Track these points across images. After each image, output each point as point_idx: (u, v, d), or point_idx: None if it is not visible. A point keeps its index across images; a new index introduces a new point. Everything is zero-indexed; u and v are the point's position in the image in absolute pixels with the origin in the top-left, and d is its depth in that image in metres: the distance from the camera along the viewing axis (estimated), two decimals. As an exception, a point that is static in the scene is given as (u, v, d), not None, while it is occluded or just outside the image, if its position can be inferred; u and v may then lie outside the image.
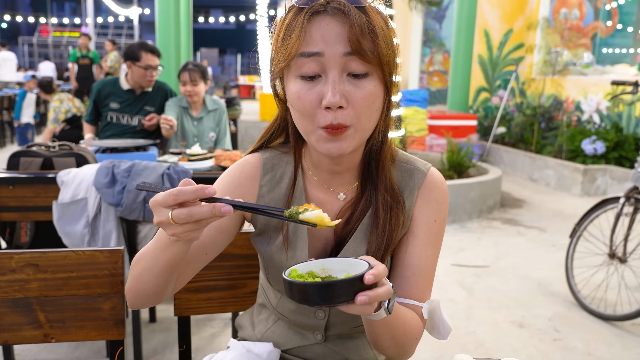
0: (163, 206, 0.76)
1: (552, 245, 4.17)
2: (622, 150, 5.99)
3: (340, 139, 0.89)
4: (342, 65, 0.86)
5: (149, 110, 3.32)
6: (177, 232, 0.78)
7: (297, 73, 0.88)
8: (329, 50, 0.85)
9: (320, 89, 0.87)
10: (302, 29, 0.85)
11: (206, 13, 32.07)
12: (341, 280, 0.74)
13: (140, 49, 3.19)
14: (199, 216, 0.75)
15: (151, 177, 2.05)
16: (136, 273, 0.93)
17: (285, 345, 1.08)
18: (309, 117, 0.89)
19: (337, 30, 0.85)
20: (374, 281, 0.74)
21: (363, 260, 0.79)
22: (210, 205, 0.75)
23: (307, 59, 0.86)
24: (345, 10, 0.85)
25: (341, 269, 0.83)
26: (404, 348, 0.96)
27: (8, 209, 2.11)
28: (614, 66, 7.77)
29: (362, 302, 0.73)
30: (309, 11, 0.86)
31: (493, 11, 8.70)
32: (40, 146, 2.29)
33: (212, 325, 2.69)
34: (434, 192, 1.02)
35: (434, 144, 7.11)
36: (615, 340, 2.69)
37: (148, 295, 0.95)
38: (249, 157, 1.08)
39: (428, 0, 4.46)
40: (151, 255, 0.89)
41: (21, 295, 1.17)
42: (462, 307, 3.02)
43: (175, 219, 0.75)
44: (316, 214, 0.78)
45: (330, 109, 0.86)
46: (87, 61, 10.41)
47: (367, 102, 0.88)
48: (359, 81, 0.87)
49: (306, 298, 0.74)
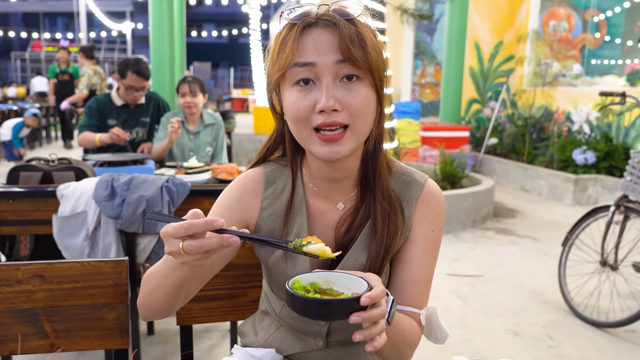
0: (174, 237, 0.80)
1: (545, 254, 4.22)
2: (612, 159, 6.07)
3: (337, 143, 0.93)
4: (335, 72, 0.91)
5: (145, 121, 3.35)
6: (188, 261, 0.82)
7: (292, 82, 0.93)
8: (321, 59, 0.90)
9: (314, 95, 0.91)
10: (295, 41, 0.91)
11: (199, 27, 32.24)
12: (339, 299, 0.78)
13: (127, 68, 3.15)
14: (209, 247, 0.79)
15: (150, 190, 2.08)
16: (147, 290, 0.98)
17: (288, 351, 1.11)
18: (304, 122, 0.93)
19: (328, 40, 0.90)
20: (370, 303, 0.78)
21: (364, 280, 0.83)
22: (218, 237, 0.80)
23: (301, 68, 0.91)
24: (335, 21, 0.90)
25: (343, 283, 0.87)
26: (402, 354, 1.00)
27: (8, 223, 2.13)
28: (602, 77, 7.89)
29: (355, 322, 0.77)
30: (301, 24, 0.91)
31: (483, 24, 8.83)
32: (40, 160, 2.32)
33: (210, 337, 2.71)
34: (432, 203, 1.07)
35: (426, 155, 7.17)
36: (609, 347, 2.73)
37: (159, 310, 1.00)
38: (250, 171, 1.11)
39: (419, 14, 4.53)
40: (161, 275, 0.94)
41: (27, 306, 1.19)
42: (458, 315, 3.06)
43: (186, 250, 0.79)
44: (319, 247, 0.83)
45: (325, 112, 0.90)
46: (67, 77, 9.44)
47: (362, 105, 0.92)
48: (352, 85, 0.92)
49: (305, 311, 0.79)
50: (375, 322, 0.80)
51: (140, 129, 3.32)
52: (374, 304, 0.79)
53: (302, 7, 0.93)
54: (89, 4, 21.86)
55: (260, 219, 1.07)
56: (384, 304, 0.82)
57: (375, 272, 0.99)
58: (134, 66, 3.14)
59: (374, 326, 0.79)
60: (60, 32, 32.70)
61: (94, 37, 27.31)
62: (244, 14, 17.07)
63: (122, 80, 3.17)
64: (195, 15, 31.68)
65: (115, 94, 3.29)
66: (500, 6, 8.67)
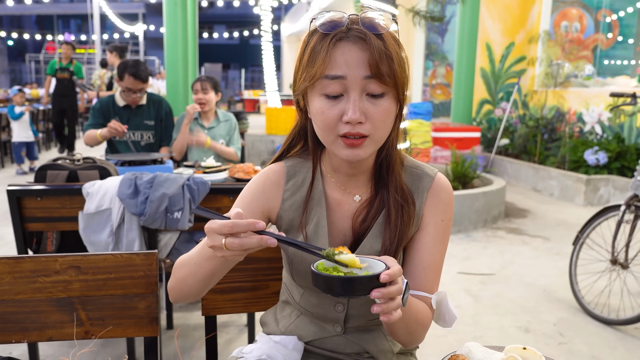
0: (218, 233, 0.87)
1: (556, 253, 4.25)
2: (624, 160, 6.08)
3: (358, 148, 1.01)
4: (362, 86, 0.98)
5: (149, 124, 3.42)
6: (227, 255, 0.89)
7: (321, 92, 1.00)
8: (351, 73, 0.97)
9: (342, 106, 0.99)
10: (327, 54, 0.97)
11: (210, 29, 32.41)
12: (360, 276, 0.85)
13: (125, 70, 3.22)
14: (249, 246, 0.86)
15: (172, 188, 2.16)
16: (180, 276, 1.06)
17: (308, 338, 1.18)
18: (331, 129, 1.01)
19: (358, 55, 0.97)
20: (389, 280, 0.85)
21: (381, 262, 0.90)
22: (258, 237, 0.87)
23: (332, 81, 0.98)
24: (366, 38, 0.97)
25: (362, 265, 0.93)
26: (415, 335, 1.07)
27: (36, 220, 2.22)
28: (614, 78, 7.88)
29: (376, 297, 0.84)
30: (333, 38, 0.98)
31: (494, 25, 8.85)
32: (65, 160, 2.41)
33: (227, 332, 2.78)
34: (441, 194, 1.14)
35: (438, 155, 7.21)
36: (619, 344, 2.77)
37: (190, 295, 1.08)
38: (273, 165, 1.19)
39: (431, 16, 4.58)
40: (195, 263, 1.02)
41: (64, 295, 1.27)
42: (469, 313, 3.11)
43: (228, 247, 0.87)
44: (350, 257, 0.90)
45: (350, 123, 0.98)
46: (67, 75, 8.31)
47: (383, 118, 1.00)
48: (377, 100, 0.99)
49: (330, 288, 0.86)
50: (393, 298, 0.86)
51: (145, 132, 3.40)
52: (392, 282, 0.86)
53: (330, 13, 0.99)
54: (102, 6, 22.09)
55: (282, 209, 1.15)
56: (400, 282, 0.88)
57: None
58: (131, 69, 3.21)
59: (392, 301, 0.86)
60: (73, 34, 33.05)
61: (107, 39, 27.56)
62: (255, 16, 17.20)
63: (120, 82, 3.27)
64: (207, 17, 31.89)
65: (119, 95, 3.38)
66: (511, 7, 8.69)
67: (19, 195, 2.19)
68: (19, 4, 27.84)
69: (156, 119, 3.45)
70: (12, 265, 1.24)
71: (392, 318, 0.87)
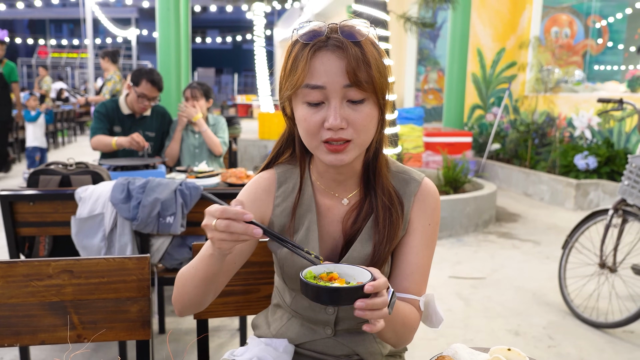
0: (212, 215, 0.93)
1: (546, 257, 4.29)
2: (614, 165, 6.14)
3: (342, 153, 1.04)
4: (342, 94, 1.01)
5: (150, 135, 3.41)
6: (214, 237, 0.93)
7: (303, 100, 1.03)
8: (330, 82, 1.00)
9: (323, 114, 1.02)
10: (307, 63, 1.00)
11: (203, 33, 32.39)
12: (347, 287, 0.90)
13: (143, 76, 3.23)
14: (234, 229, 0.91)
15: (165, 193, 2.17)
16: (180, 284, 1.11)
17: (299, 340, 1.21)
18: (314, 135, 1.04)
19: (336, 64, 1.00)
20: (373, 291, 0.88)
21: (369, 272, 0.94)
22: (245, 225, 0.92)
23: (312, 89, 1.01)
24: (343, 46, 1.00)
25: (349, 274, 0.97)
26: (402, 337, 1.11)
27: (28, 224, 2.23)
28: (604, 83, 7.97)
29: (360, 307, 0.88)
30: (312, 47, 1.01)
31: (485, 30, 8.92)
32: (58, 165, 2.41)
33: (219, 336, 2.79)
34: (428, 199, 1.17)
35: (430, 160, 7.25)
36: (607, 347, 2.80)
37: (192, 303, 1.12)
38: (263, 173, 1.22)
39: (422, 22, 4.62)
40: (193, 267, 1.07)
41: (57, 299, 1.28)
42: (460, 316, 3.14)
43: (217, 227, 0.92)
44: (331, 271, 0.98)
45: (332, 129, 1.01)
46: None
47: (365, 122, 1.03)
48: (357, 106, 1.02)
49: (318, 298, 0.90)
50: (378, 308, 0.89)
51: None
52: (377, 293, 0.89)
53: (311, 23, 1.02)
54: (94, 11, 22.05)
55: (274, 215, 1.18)
56: (385, 294, 0.91)
57: (379, 261, 1.10)
58: (149, 75, 3.23)
59: (376, 311, 0.89)
60: (66, 38, 32.96)
61: (100, 44, 27.52)
62: (248, 20, 17.22)
63: (134, 88, 3.25)
64: (200, 22, 31.90)
65: (124, 102, 3.35)
66: (502, 13, 8.77)
67: (12, 200, 2.20)
68: (10, 8, 27.74)
69: (157, 131, 3.46)
70: (5, 269, 1.25)
71: (374, 329, 0.90)
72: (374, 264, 1.10)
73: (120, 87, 6.79)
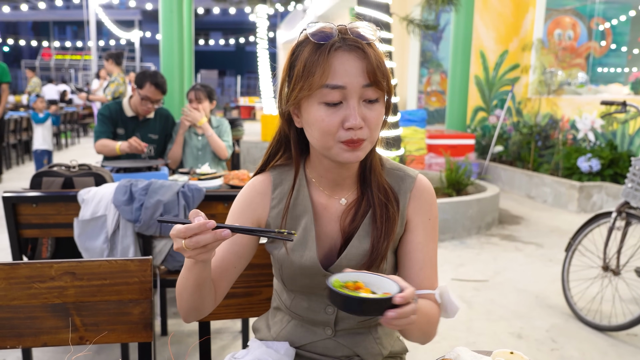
0: (178, 237, 0.93)
1: (549, 260, 4.28)
2: (617, 167, 6.12)
3: (358, 150, 1.05)
4: (361, 94, 1.02)
5: (153, 138, 3.41)
6: (192, 255, 0.95)
7: (320, 100, 1.03)
8: (350, 83, 1.01)
9: (342, 113, 1.03)
10: (326, 63, 1.01)
11: (206, 35, 32.49)
12: (378, 298, 0.91)
13: (147, 78, 3.22)
14: (205, 242, 0.92)
15: (167, 195, 2.18)
16: (178, 293, 1.12)
17: (299, 342, 1.21)
18: (331, 135, 1.04)
19: (356, 64, 1.01)
20: (403, 302, 0.89)
21: (394, 282, 0.95)
22: (212, 233, 0.92)
23: (332, 90, 1.01)
24: (360, 46, 1.01)
25: (374, 283, 0.98)
26: (429, 333, 1.13)
27: (31, 226, 2.23)
28: (607, 85, 7.95)
29: (390, 317, 0.89)
30: (329, 47, 1.01)
31: (488, 33, 8.92)
32: (61, 167, 2.42)
33: (221, 338, 2.79)
34: (424, 194, 1.19)
35: (432, 162, 7.25)
36: (610, 350, 2.79)
37: (191, 309, 1.13)
38: (259, 176, 1.23)
39: (425, 24, 4.63)
40: (183, 277, 1.09)
41: (59, 301, 1.28)
42: (462, 319, 3.13)
43: (187, 246, 0.93)
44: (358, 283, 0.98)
45: (353, 129, 1.02)
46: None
47: (378, 121, 1.06)
48: (372, 105, 1.04)
49: (347, 307, 0.91)
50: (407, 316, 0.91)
51: (148, 146, 3.40)
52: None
53: (319, 23, 1.03)
54: (98, 13, 22.13)
55: (270, 216, 1.18)
56: (414, 303, 0.92)
57: (378, 257, 1.11)
58: (153, 78, 3.22)
59: (404, 319, 0.91)
60: (69, 40, 33.07)
61: (103, 46, 27.61)
62: (251, 23, 17.26)
63: (138, 90, 3.24)
64: (203, 24, 31.98)
65: (127, 104, 3.34)
66: (505, 15, 8.77)
67: (15, 201, 2.20)
68: (15, 10, 27.85)
69: (161, 133, 3.46)
70: (7, 271, 1.26)
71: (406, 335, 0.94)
72: (373, 261, 1.11)
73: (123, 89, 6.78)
